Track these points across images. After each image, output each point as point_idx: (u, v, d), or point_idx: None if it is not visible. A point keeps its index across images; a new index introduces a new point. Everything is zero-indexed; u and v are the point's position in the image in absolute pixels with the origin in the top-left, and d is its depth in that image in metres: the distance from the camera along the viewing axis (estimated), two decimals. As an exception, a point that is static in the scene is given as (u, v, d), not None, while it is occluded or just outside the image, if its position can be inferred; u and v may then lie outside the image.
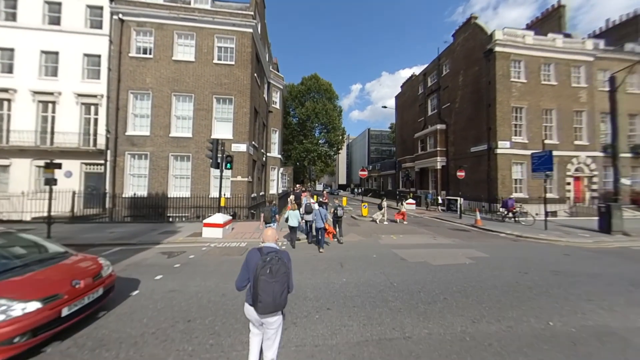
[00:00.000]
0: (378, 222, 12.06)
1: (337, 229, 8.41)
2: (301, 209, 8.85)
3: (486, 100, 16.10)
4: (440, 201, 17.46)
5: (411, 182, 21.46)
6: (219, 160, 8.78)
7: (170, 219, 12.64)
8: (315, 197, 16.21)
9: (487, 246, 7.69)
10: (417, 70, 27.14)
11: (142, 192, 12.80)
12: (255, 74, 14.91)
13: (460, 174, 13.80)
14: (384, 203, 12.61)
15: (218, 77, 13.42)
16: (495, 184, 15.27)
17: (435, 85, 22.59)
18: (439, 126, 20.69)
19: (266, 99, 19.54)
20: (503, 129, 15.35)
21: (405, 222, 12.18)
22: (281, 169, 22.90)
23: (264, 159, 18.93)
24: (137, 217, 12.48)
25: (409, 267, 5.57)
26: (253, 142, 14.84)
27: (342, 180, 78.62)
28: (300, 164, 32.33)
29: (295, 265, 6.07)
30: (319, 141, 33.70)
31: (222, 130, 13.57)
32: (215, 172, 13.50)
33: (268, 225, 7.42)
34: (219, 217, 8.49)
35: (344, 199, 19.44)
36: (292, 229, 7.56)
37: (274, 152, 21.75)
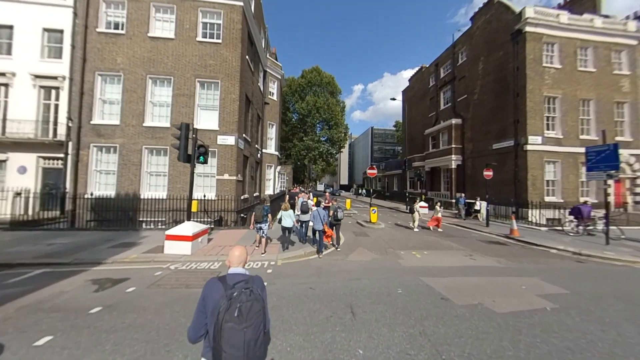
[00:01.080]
0: (416, 229, 10.71)
1: (335, 233, 7.52)
2: (297, 209, 7.99)
3: (513, 89, 13.97)
4: (478, 207, 13.63)
5: (422, 182, 19.35)
6: (189, 152, 6.75)
7: (144, 224, 10.69)
8: (315, 198, 14.18)
9: (550, 271, 5.59)
10: (416, 72, 25.06)
11: (110, 191, 10.82)
12: (247, 57, 12.90)
13: (488, 173, 11.69)
14: (417, 206, 10.72)
15: (202, 57, 11.41)
16: (524, 186, 13.15)
17: (449, 76, 20.47)
18: (454, 121, 18.58)
19: (262, 88, 17.53)
20: (534, 121, 13.22)
21: (440, 230, 10.59)
22: (278, 168, 20.88)
23: (258, 155, 16.93)
24: (104, 221, 10.49)
25: (462, 318, 3.49)
26: (244, 135, 12.83)
27: (344, 180, 76.51)
28: (301, 163, 30.31)
29: (282, 307, 3.60)
30: (321, 138, 31.66)
31: (206, 119, 11.57)
32: (198, 169, 11.51)
33: (258, 226, 6.58)
34: (187, 227, 6.46)
35: (348, 201, 17.35)
36: (286, 230, 6.89)
37: (271, 148, 19.73)
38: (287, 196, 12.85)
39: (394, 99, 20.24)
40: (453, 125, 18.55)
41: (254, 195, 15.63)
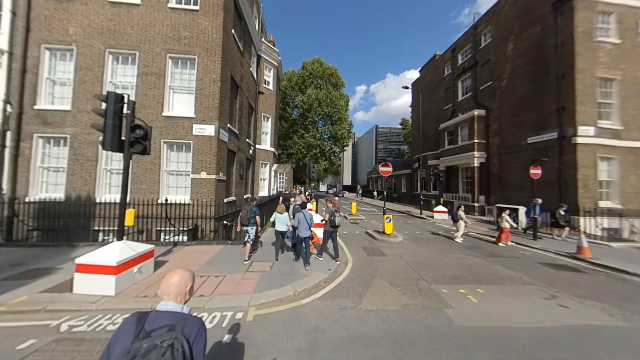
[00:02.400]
0: (457, 240, 8.83)
1: (333, 245, 6.15)
2: (290, 213, 7.47)
3: (556, 70, 11.47)
4: (565, 218, 9.37)
5: (440, 183, 16.84)
6: (122, 136, 4.51)
7: (101, 235, 8.61)
8: (314, 203, 11.93)
9: None
10: (420, 73, 22.63)
11: (59, 193, 8.68)
12: (233, 32, 10.68)
13: (536, 172, 9.20)
14: (462, 213, 8.73)
15: (175, 27, 9.21)
16: (573, 188, 10.63)
17: (469, 62, 17.99)
18: (476, 112, 16.10)
19: (255, 75, 15.31)
20: (585, 108, 10.72)
21: (511, 243, 8.43)
22: (275, 166, 18.63)
23: (250, 151, 14.70)
24: (51, 231, 8.36)
25: None
26: (229, 126, 10.59)
27: (347, 181, 74.03)
28: (302, 163, 28.03)
29: None
30: (323, 135, 29.35)
31: (180, 105, 9.41)
32: (169, 166, 9.34)
33: (244, 229, 6.03)
34: (111, 252, 4.19)
35: (354, 204, 14.99)
36: (279, 235, 6.31)
37: (266, 143, 17.51)
38: (281, 198, 11.08)
39: (406, 87, 17.79)
40: (475, 117, 16.07)
41: (244, 197, 13.40)
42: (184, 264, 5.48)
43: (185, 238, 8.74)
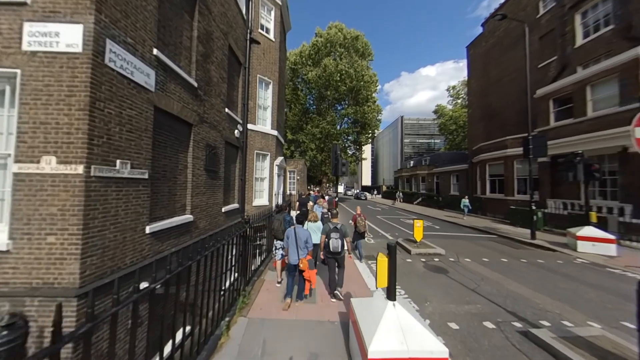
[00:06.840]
0: None
1: (336, 276, 4.03)
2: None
3: None
4: None
5: (590, 180, 8.91)
6: None
7: None
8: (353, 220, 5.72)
9: None
10: (437, 68, 15.25)
11: None
12: None
13: None
14: None
15: None
16: None
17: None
18: (641, 51, 8.84)
19: (243, 10, 9.26)
20: None
21: None
22: (278, 159, 12.44)
23: (236, 133, 8.60)
24: None
25: None
26: (162, 56, 4.38)
27: (366, 181, 66.74)
28: (317, 159, 21.74)
29: None
30: (344, 123, 22.87)
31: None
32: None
33: (279, 244, 4.65)
34: None
35: (418, 224, 8.23)
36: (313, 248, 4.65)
37: (264, 123, 11.43)
38: (298, 203, 9.36)
39: (503, 16, 10.34)
40: None
41: (223, 210, 7.25)
42: None
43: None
